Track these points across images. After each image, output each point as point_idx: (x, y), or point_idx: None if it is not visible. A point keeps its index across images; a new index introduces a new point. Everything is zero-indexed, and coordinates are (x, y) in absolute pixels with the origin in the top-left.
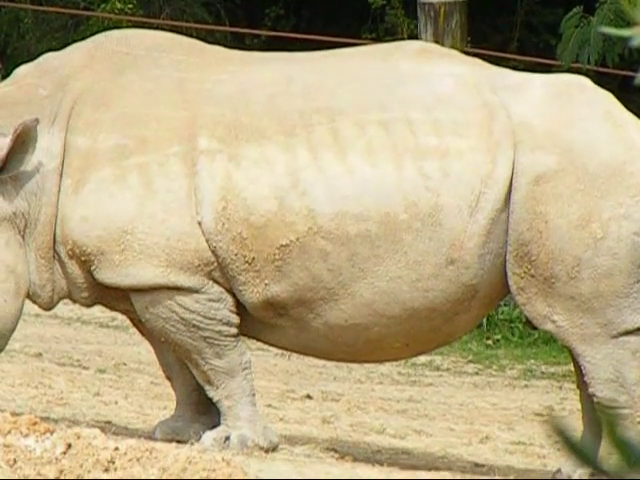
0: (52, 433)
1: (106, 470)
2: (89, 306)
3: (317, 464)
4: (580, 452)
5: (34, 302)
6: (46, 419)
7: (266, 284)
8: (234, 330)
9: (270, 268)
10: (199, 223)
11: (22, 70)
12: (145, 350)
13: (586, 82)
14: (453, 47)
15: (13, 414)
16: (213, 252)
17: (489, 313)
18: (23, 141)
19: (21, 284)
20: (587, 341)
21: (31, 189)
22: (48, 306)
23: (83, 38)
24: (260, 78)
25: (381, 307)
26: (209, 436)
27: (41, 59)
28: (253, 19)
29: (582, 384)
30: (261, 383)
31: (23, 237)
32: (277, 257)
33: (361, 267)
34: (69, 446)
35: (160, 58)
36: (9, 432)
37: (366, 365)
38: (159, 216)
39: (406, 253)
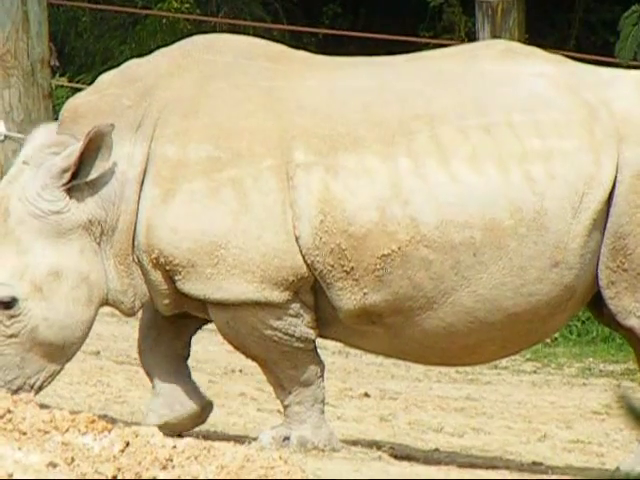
0: (110, 431)
1: (164, 468)
2: (169, 313)
3: (375, 462)
4: None
5: (117, 308)
6: (104, 417)
7: (365, 293)
8: (311, 346)
9: (370, 278)
10: (297, 238)
11: (105, 78)
12: (202, 349)
13: None
14: None
15: (71, 412)
16: (309, 266)
17: None
18: (98, 147)
19: (94, 292)
20: None
21: (108, 196)
22: (131, 311)
23: (140, 37)
24: (351, 85)
25: (482, 314)
26: (268, 434)
27: (125, 67)
28: (311, 17)
29: None
30: None
31: (99, 244)
32: (378, 267)
33: (464, 275)
34: (127, 444)
35: (248, 65)
36: (67, 430)
37: None
38: (254, 232)
39: (511, 259)
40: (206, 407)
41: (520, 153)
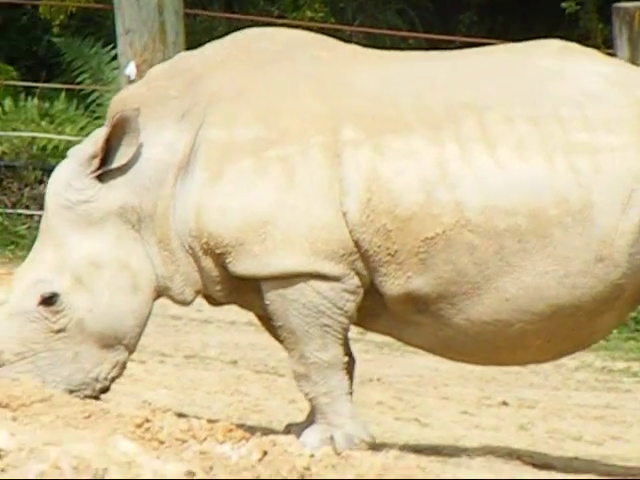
0: (248, 440)
1: (302, 477)
2: (222, 304)
3: (514, 471)
4: None
5: (169, 297)
6: (242, 426)
7: (408, 277)
8: (349, 326)
9: (413, 261)
10: (344, 214)
11: (155, 71)
12: None
13: None
14: None
15: (209, 421)
16: (356, 243)
17: None
18: (124, 132)
19: (139, 279)
20: None
21: (142, 182)
22: (182, 299)
23: None
24: (403, 74)
25: (526, 302)
26: (314, 437)
27: (175, 59)
28: (447, 25)
29: None
30: (456, 390)
31: (139, 232)
32: (421, 250)
33: (508, 261)
34: (265, 453)
35: (298, 54)
36: (205, 439)
37: (562, 371)
38: (302, 206)
39: (555, 248)
40: None
41: (566, 145)
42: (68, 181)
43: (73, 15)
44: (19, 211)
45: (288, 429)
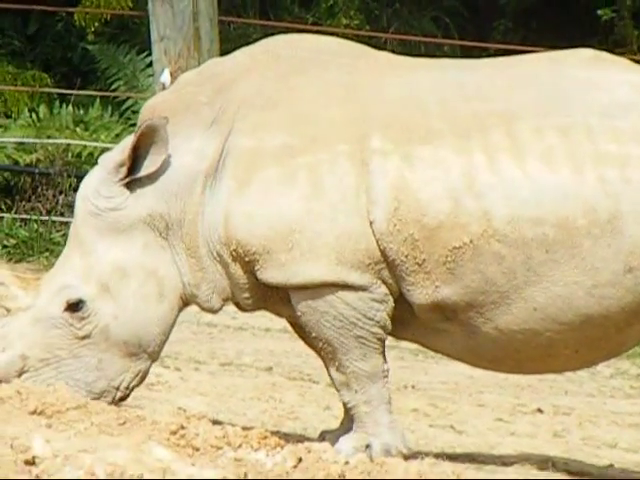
0: (283, 447)
1: None
2: (250, 311)
3: (549, 478)
4: None
5: (197, 305)
6: (277, 433)
7: (436, 286)
8: (384, 336)
9: (441, 270)
10: (371, 223)
11: (185, 77)
12: None
13: None
14: None
15: (244, 428)
16: (383, 252)
17: None
18: (152, 141)
19: (165, 288)
20: None
21: (170, 190)
22: (209, 306)
23: None
24: (432, 82)
25: (554, 312)
26: (348, 445)
27: (205, 65)
28: (482, 32)
29: None
30: (491, 397)
31: (167, 239)
32: (449, 259)
33: (536, 271)
34: (300, 460)
35: (328, 61)
36: (240, 446)
37: (597, 379)
38: (328, 215)
39: (584, 259)
40: None
41: (595, 156)
42: (96, 188)
43: (108, 22)
44: (54, 218)
45: (323, 436)
